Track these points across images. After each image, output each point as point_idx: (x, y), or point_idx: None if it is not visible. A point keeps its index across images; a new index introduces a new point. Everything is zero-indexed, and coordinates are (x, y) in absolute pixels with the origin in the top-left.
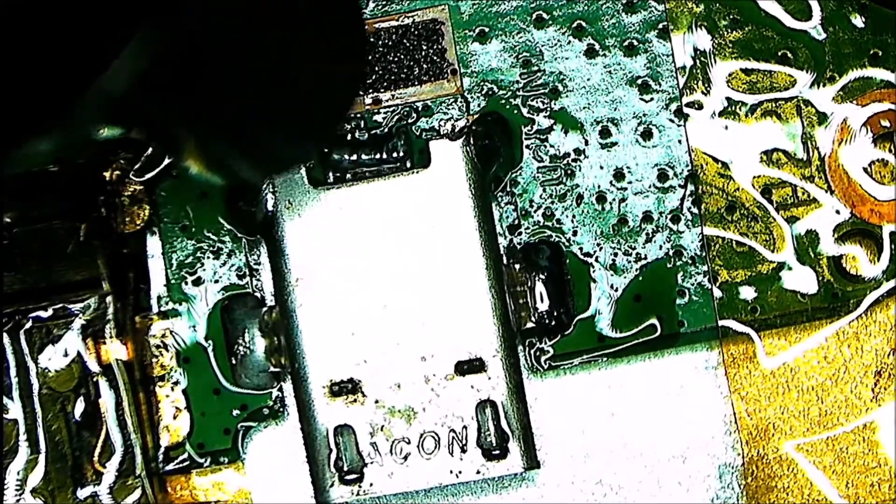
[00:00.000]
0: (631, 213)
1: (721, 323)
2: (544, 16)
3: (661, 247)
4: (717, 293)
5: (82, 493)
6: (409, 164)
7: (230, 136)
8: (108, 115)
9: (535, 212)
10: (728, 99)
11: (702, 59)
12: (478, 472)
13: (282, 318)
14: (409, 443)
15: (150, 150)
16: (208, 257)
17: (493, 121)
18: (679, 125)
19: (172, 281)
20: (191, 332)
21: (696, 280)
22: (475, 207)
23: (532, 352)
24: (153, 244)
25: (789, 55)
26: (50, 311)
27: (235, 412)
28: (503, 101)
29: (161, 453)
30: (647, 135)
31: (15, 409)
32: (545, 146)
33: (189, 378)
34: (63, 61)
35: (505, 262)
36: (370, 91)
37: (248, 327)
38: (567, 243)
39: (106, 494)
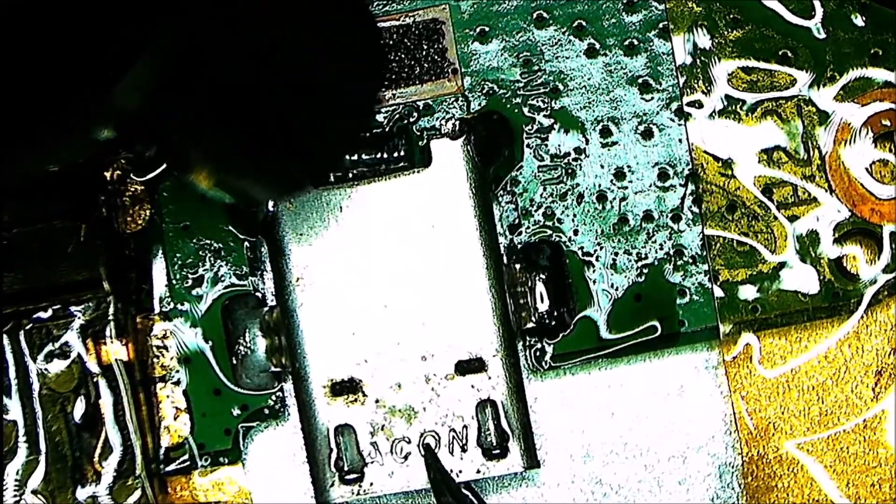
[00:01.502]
0: (631, 213)
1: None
2: (544, 15)
3: (661, 246)
4: (718, 292)
5: (82, 494)
6: (409, 164)
7: (242, 157)
8: (118, 129)
9: (535, 211)
10: (728, 98)
11: (702, 58)
12: (478, 472)
13: (282, 317)
14: (409, 442)
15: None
16: (209, 257)
17: (494, 120)
18: (679, 124)
19: (174, 281)
20: (192, 333)
21: (696, 279)
22: (476, 207)
23: (532, 352)
24: (154, 244)
25: (790, 54)
26: (50, 312)
27: (236, 412)
28: (504, 101)
29: (161, 454)
30: (647, 134)
31: (15, 410)
32: (545, 145)
33: (190, 378)
34: (74, 77)
35: (505, 261)
36: None
37: (249, 327)
38: (567, 243)
39: (106, 495)
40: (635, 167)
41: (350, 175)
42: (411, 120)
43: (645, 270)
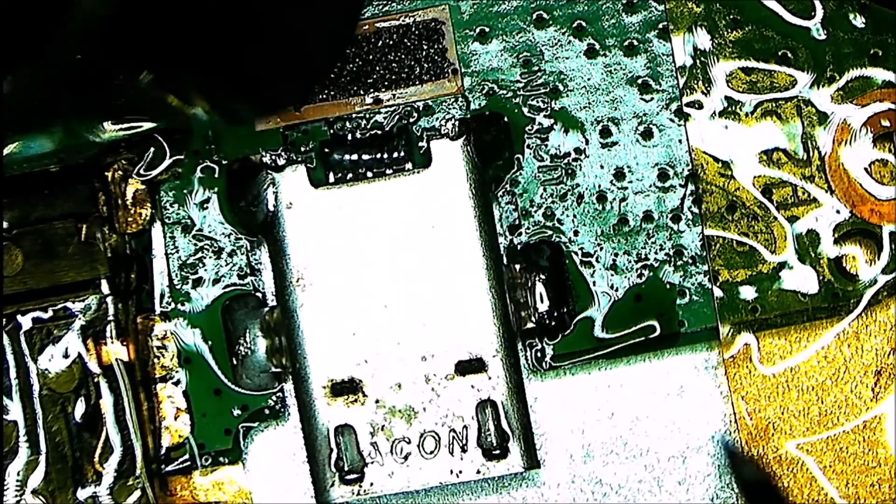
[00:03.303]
0: (631, 213)
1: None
2: (544, 16)
3: (661, 246)
4: (718, 293)
5: (83, 494)
6: (409, 164)
7: (229, 74)
8: (95, 41)
9: (535, 212)
10: (728, 99)
11: (702, 58)
12: (478, 472)
13: (283, 318)
14: (409, 442)
15: (151, 151)
16: (210, 257)
17: (497, 122)
18: (679, 125)
19: (174, 281)
20: (192, 333)
21: (696, 280)
22: (476, 207)
23: (532, 352)
24: (155, 244)
25: (789, 55)
26: (50, 312)
27: (236, 412)
28: (504, 101)
29: (162, 454)
30: (647, 134)
31: (15, 411)
32: (545, 146)
33: (190, 379)
34: None
35: (505, 262)
36: (371, 90)
37: (250, 328)
38: (567, 243)
39: (106, 495)
40: (635, 168)
41: (350, 175)
42: (411, 120)
43: (645, 271)
